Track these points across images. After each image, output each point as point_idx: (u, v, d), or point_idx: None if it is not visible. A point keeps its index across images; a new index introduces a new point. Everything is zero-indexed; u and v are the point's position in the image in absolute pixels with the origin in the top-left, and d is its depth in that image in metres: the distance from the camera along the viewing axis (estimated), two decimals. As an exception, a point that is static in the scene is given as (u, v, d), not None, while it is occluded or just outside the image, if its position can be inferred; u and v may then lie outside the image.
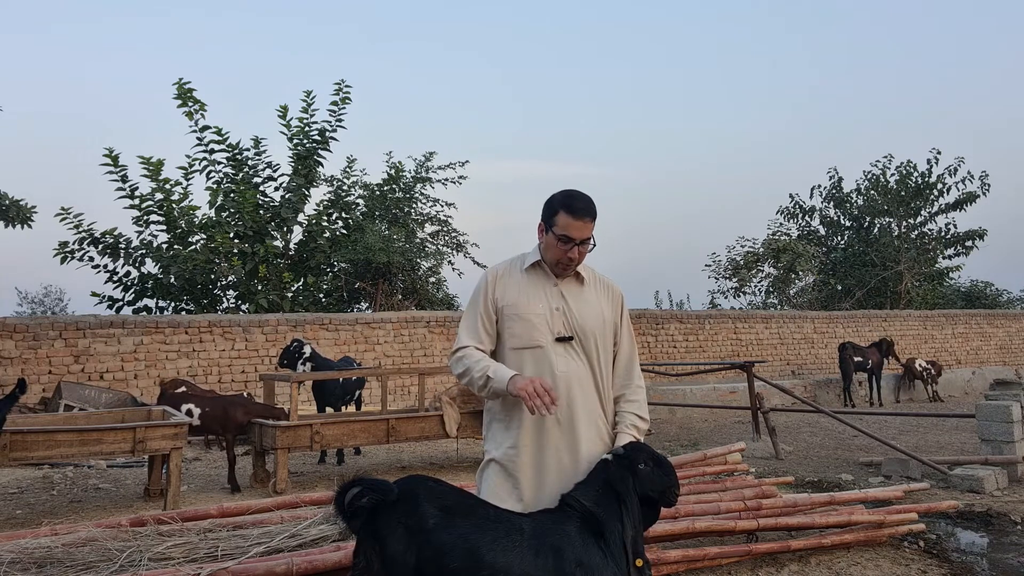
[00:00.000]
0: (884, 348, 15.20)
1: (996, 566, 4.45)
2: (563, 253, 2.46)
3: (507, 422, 2.47)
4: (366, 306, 15.80)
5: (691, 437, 10.00)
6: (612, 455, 2.36)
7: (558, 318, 2.47)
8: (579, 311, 2.49)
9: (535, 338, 2.45)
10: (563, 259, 2.47)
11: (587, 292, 2.54)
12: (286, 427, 6.69)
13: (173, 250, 13.74)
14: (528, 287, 2.52)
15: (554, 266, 2.51)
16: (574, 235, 2.42)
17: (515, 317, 2.48)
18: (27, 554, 2.95)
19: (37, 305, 24.97)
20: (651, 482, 2.31)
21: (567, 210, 2.43)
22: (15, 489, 7.03)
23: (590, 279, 2.57)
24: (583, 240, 2.44)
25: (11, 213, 11.81)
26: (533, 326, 2.45)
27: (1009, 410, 6.68)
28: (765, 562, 4.29)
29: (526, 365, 2.44)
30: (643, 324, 15.64)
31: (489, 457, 2.51)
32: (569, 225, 2.42)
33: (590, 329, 2.48)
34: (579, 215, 2.42)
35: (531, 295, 2.50)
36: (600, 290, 2.58)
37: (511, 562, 2.08)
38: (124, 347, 10.81)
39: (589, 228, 2.45)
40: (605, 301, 2.56)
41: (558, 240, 2.44)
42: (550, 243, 2.47)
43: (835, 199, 24.02)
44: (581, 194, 2.49)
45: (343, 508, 2.14)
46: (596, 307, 2.53)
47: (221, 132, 14.63)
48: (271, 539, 3.25)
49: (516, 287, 2.52)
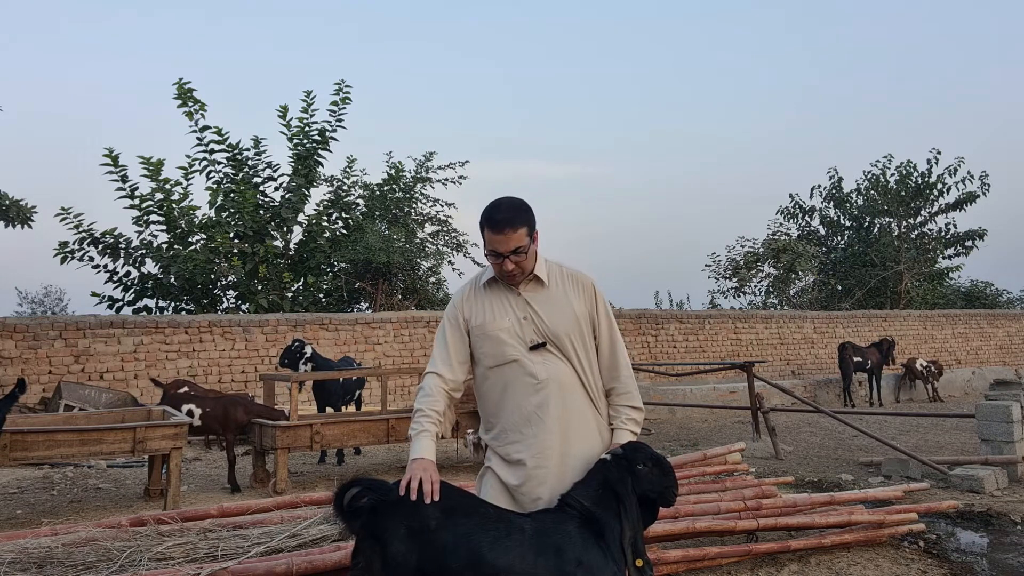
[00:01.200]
0: (885, 349, 15.20)
1: (996, 566, 4.44)
2: (498, 268, 2.41)
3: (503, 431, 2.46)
4: (366, 306, 15.80)
5: (691, 437, 10.00)
6: (611, 455, 2.35)
7: (527, 327, 2.43)
8: (547, 315, 2.44)
9: (507, 353, 2.42)
10: (500, 273, 2.43)
11: (552, 293, 2.48)
12: (286, 427, 6.69)
13: (173, 250, 13.75)
14: (492, 303, 2.48)
15: (502, 279, 2.47)
16: (500, 249, 2.36)
17: (483, 337, 2.45)
18: (27, 554, 2.95)
19: (37, 305, 24.97)
20: (650, 482, 2.31)
21: (488, 225, 2.37)
22: (15, 489, 7.03)
23: (555, 278, 2.50)
24: (515, 250, 2.36)
25: (11, 213, 11.81)
26: (502, 342, 2.42)
27: (1009, 410, 6.68)
28: (765, 562, 4.29)
29: (507, 380, 2.42)
30: (643, 324, 15.64)
31: (487, 464, 2.51)
32: (492, 240, 2.36)
33: (563, 330, 2.43)
34: (498, 228, 2.35)
35: (496, 311, 2.46)
36: (568, 287, 2.50)
37: (512, 562, 2.08)
38: (124, 347, 10.81)
39: (515, 238, 2.35)
40: (575, 296, 2.49)
41: (489, 256, 2.41)
42: (488, 260, 2.44)
43: (835, 199, 24.02)
44: (503, 202, 2.41)
45: (342, 508, 2.14)
46: (565, 306, 2.46)
47: (221, 132, 14.65)
48: (271, 539, 3.25)
49: (481, 306, 2.48)
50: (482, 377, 2.50)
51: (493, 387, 2.46)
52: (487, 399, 2.51)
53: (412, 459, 2.29)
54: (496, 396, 2.46)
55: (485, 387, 2.50)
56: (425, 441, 2.34)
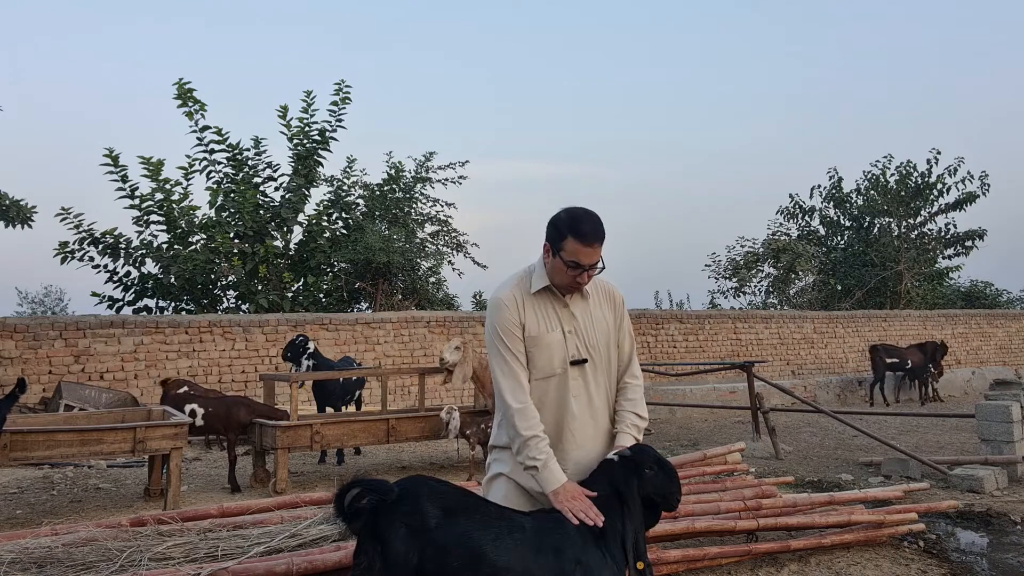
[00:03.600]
0: (930, 351, 15.01)
1: (996, 566, 4.45)
2: (572, 279, 2.39)
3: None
4: (366, 306, 15.79)
5: (691, 437, 10.00)
6: (617, 456, 2.36)
7: (572, 341, 2.44)
8: (589, 330, 2.46)
9: (554, 366, 2.42)
10: (572, 284, 2.42)
11: (593, 307, 2.50)
12: (286, 427, 6.70)
13: (173, 250, 13.74)
14: (542, 312, 2.45)
15: (562, 289, 2.45)
16: (584, 261, 2.35)
17: (536, 348, 2.42)
18: (27, 554, 2.95)
19: (37, 305, 24.99)
20: (655, 486, 2.33)
21: (576, 235, 2.33)
22: (15, 489, 7.03)
23: (593, 291, 2.53)
24: (591, 264, 2.38)
25: (11, 213, 11.80)
26: (553, 354, 2.42)
27: (1009, 410, 6.68)
28: (765, 562, 4.29)
29: (548, 393, 2.43)
30: (643, 324, 15.64)
31: (498, 471, 2.50)
32: (578, 251, 2.34)
33: (603, 346, 2.48)
34: (588, 241, 2.34)
35: (549, 322, 2.44)
36: (603, 300, 2.54)
37: (512, 561, 2.08)
38: (124, 347, 10.81)
39: (598, 252, 2.37)
40: (608, 310, 2.54)
41: (567, 266, 2.37)
42: (558, 268, 2.39)
43: (835, 199, 23.99)
44: (589, 216, 2.39)
45: (343, 509, 2.14)
46: (601, 320, 2.50)
47: (221, 132, 14.62)
48: (271, 539, 3.25)
49: (533, 314, 2.44)
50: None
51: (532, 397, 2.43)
52: None
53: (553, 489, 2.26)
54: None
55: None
56: (554, 466, 2.32)
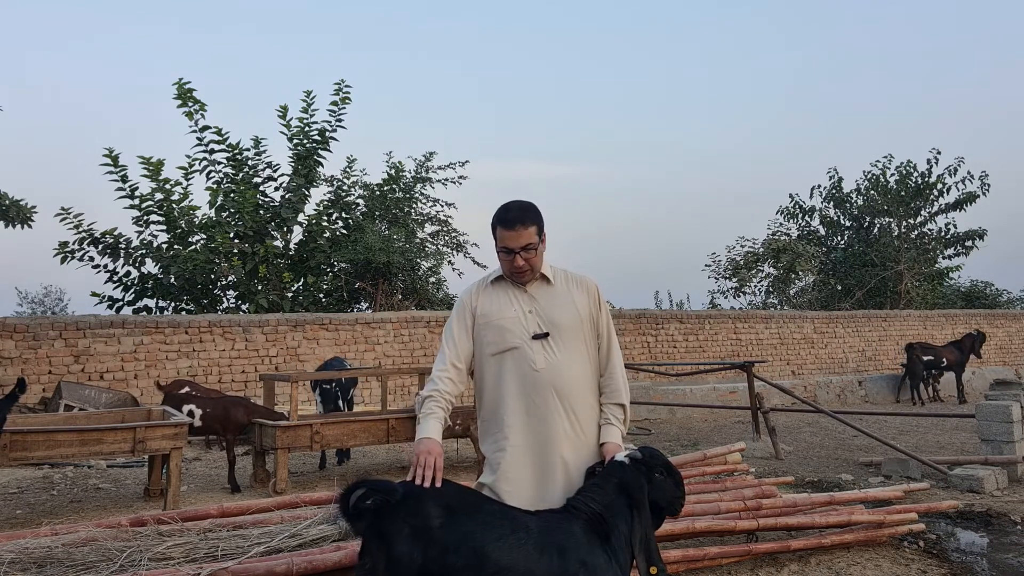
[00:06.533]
0: (969, 345, 14.98)
1: (996, 566, 4.44)
2: (509, 264, 2.56)
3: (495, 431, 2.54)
4: (366, 306, 15.79)
5: (691, 437, 10.00)
6: (628, 458, 2.36)
7: (532, 319, 2.57)
8: (551, 308, 2.58)
9: (508, 340, 2.55)
10: (511, 269, 2.57)
11: (557, 290, 2.63)
12: (286, 427, 6.69)
13: (173, 250, 13.73)
14: (498, 297, 2.63)
15: (510, 276, 2.61)
16: (511, 245, 2.52)
17: (487, 326, 2.59)
18: (27, 554, 2.94)
19: (37, 305, 24.97)
20: (662, 491, 2.36)
21: (500, 223, 2.54)
22: (15, 489, 7.03)
23: (560, 278, 2.66)
24: (525, 247, 2.51)
25: (11, 213, 11.80)
26: (506, 329, 2.56)
27: (1009, 410, 6.68)
28: (765, 562, 4.29)
29: (507, 366, 2.53)
30: (643, 324, 15.63)
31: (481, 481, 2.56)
32: (505, 236, 2.53)
33: (565, 324, 2.57)
34: (510, 225, 2.52)
35: (502, 303, 2.61)
36: (573, 287, 2.66)
37: (516, 561, 2.08)
38: (124, 347, 10.81)
39: (526, 235, 2.52)
40: (579, 295, 2.64)
41: (500, 252, 2.56)
42: (500, 257, 2.59)
43: (835, 199, 23.98)
44: (514, 203, 2.57)
45: (347, 510, 2.14)
46: (568, 303, 2.61)
47: (221, 132, 14.62)
48: (271, 539, 3.24)
49: (488, 299, 2.64)
50: (482, 365, 2.60)
51: (492, 373, 2.56)
52: (485, 385, 2.59)
53: (419, 438, 2.38)
54: (493, 381, 2.55)
55: (485, 374, 2.59)
56: (432, 423, 2.44)
